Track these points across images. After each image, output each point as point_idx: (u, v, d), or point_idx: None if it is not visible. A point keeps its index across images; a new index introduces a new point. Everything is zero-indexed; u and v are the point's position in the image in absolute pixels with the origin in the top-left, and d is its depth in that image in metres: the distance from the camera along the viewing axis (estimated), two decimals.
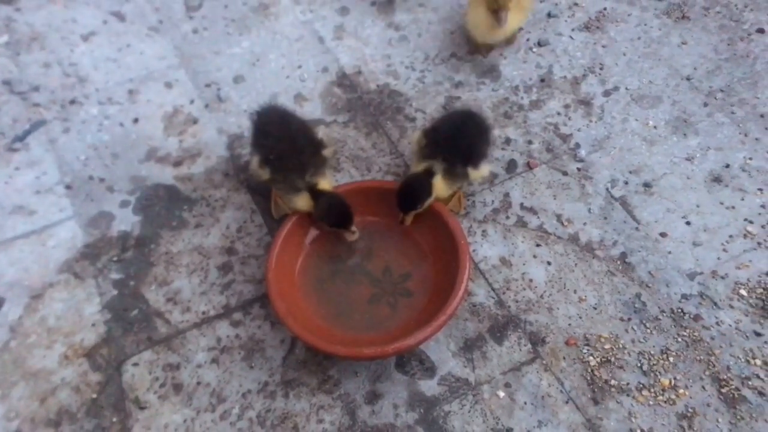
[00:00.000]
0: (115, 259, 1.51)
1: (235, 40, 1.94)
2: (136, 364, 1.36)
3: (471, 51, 1.89)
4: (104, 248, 1.52)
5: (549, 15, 1.99)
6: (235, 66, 1.88)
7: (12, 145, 1.70)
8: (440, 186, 1.43)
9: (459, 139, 1.46)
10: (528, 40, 1.93)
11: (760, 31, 1.91)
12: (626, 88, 1.81)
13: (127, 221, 1.57)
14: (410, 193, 1.41)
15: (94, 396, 1.32)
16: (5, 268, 1.49)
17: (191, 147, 1.70)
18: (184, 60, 1.89)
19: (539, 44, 1.91)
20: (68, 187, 1.63)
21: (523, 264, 1.48)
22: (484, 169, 1.50)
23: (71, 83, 1.84)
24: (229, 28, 1.98)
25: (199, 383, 1.33)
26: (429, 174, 1.42)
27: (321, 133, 1.52)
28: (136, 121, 1.76)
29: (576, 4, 2.02)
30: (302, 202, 1.41)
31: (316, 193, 1.40)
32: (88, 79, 1.85)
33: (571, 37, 1.93)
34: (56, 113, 1.77)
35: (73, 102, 1.79)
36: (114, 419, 1.29)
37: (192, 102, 1.80)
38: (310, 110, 1.76)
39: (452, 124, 1.50)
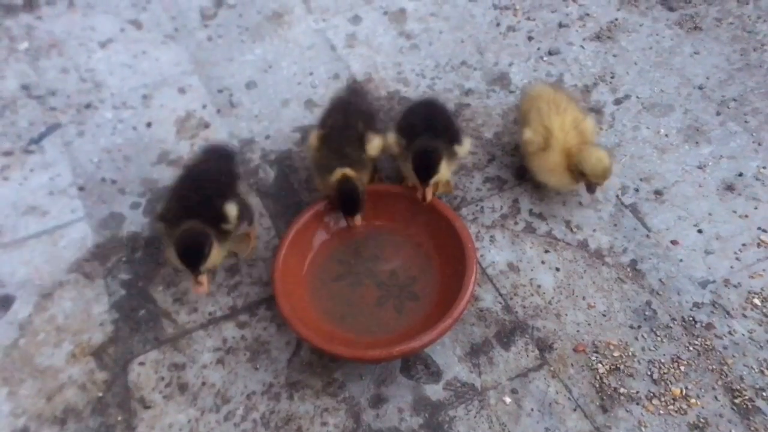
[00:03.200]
0: (124, 259, 1.52)
1: (248, 48, 1.97)
2: (142, 364, 1.36)
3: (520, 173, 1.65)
4: (114, 249, 1.54)
5: (560, 25, 2.00)
6: (248, 72, 1.90)
7: (27, 147, 1.73)
8: (443, 165, 1.41)
9: (434, 124, 1.46)
10: (539, 49, 1.93)
11: None
12: (637, 97, 1.80)
13: (137, 223, 1.58)
14: (426, 159, 1.38)
15: (100, 394, 1.32)
16: (17, 267, 1.51)
17: None
18: (198, 66, 1.92)
19: (550, 53, 1.92)
20: (81, 188, 1.65)
21: (531, 270, 1.47)
22: (467, 143, 1.51)
23: (87, 88, 1.87)
24: (243, 36, 2.01)
25: (204, 384, 1.33)
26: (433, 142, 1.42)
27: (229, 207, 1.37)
28: (149, 125, 1.78)
29: (587, 15, 2.03)
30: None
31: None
32: (104, 84, 1.88)
33: (582, 47, 1.94)
34: (72, 117, 1.80)
35: (88, 106, 1.83)
36: (119, 418, 1.29)
37: (204, 107, 1.82)
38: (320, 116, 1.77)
39: (420, 114, 1.51)
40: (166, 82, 1.89)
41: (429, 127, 1.46)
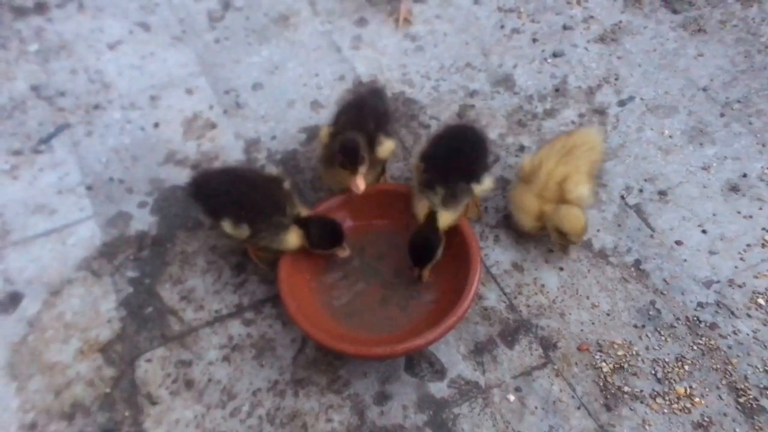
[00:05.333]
0: (131, 257, 1.53)
1: (255, 50, 1.99)
2: (149, 360, 1.37)
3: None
4: (122, 247, 1.55)
5: (564, 27, 2.01)
6: (254, 74, 1.92)
7: (37, 147, 1.75)
8: (446, 217, 1.36)
9: (457, 160, 1.40)
10: (543, 51, 1.94)
11: None
12: (641, 99, 1.81)
13: (144, 221, 1.60)
14: (421, 248, 1.34)
15: (108, 390, 1.33)
16: (25, 264, 1.53)
17: (209, 150, 1.73)
18: (205, 68, 1.94)
19: (554, 55, 1.93)
20: (89, 188, 1.67)
21: (535, 269, 1.48)
22: (487, 182, 1.43)
23: (96, 89, 1.89)
24: (249, 38, 2.03)
25: (210, 380, 1.34)
26: (433, 220, 1.35)
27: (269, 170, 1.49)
28: (156, 125, 1.80)
29: (591, 17, 2.04)
30: (294, 236, 1.36)
31: (304, 222, 1.37)
32: (113, 85, 1.90)
33: (586, 49, 1.95)
34: (80, 117, 1.82)
35: (97, 107, 1.85)
36: (126, 414, 1.30)
37: (211, 108, 1.84)
38: (325, 116, 1.78)
39: (448, 144, 1.44)
40: (173, 83, 1.91)
41: (451, 160, 1.40)
